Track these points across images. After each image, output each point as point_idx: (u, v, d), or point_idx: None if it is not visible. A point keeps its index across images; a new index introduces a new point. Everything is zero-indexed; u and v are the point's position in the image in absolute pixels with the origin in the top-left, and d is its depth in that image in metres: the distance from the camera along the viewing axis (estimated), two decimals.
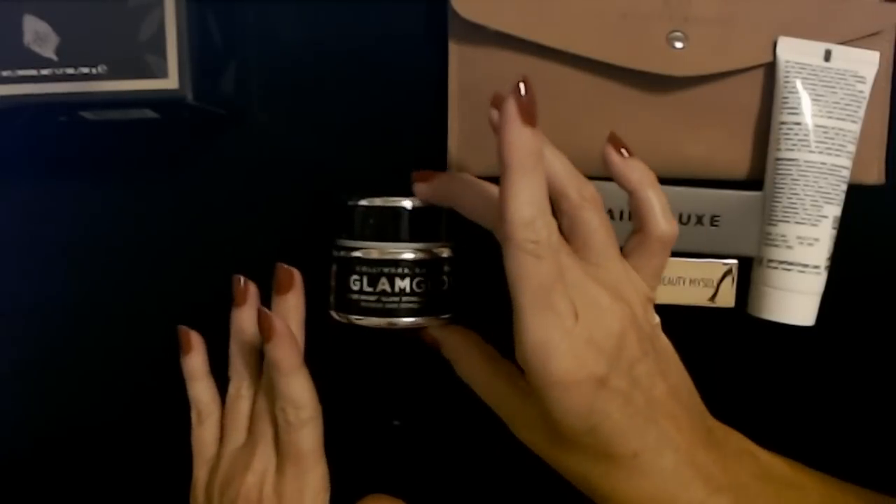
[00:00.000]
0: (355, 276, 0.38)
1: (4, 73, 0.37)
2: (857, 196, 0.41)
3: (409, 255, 0.38)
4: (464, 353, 0.38)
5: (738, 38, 0.40)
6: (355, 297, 0.38)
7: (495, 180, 0.42)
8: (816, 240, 0.40)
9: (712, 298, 0.43)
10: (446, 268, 0.39)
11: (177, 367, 0.43)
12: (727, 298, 0.43)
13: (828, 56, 0.40)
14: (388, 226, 0.38)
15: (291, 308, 0.41)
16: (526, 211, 0.29)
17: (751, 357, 0.44)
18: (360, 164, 0.44)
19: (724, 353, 0.44)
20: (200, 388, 0.42)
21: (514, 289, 0.30)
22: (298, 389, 0.39)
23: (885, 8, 0.40)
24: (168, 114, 0.41)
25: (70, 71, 0.37)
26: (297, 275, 0.41)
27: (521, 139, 0.30)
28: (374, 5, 0.43)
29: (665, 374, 0.33)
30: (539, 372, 0.30)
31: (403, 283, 0.38)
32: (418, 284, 0.38)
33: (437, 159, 0.43)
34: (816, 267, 0.40)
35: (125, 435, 0.46)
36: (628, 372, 0.31)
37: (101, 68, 0.37)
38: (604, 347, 0.31)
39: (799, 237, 0.40)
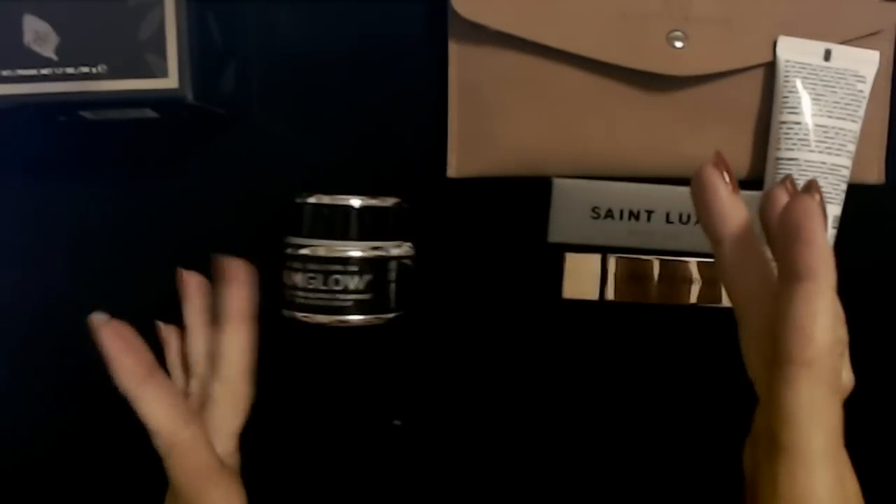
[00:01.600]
0: (303, 274, 0.38)
1: (4, 73, 0.37)
2: (857, 196, 0.41)
3: (356, 253, 0.38)
4: None
5: (738, 38, 0.40)
6: (303, 294, 0.39)
7: (494, 181, 0.43)
8: None
9: (713, 298, 0.43)
10: (395, 266, 0.39)
11: None
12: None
13: (828, 55, 0.40)
14: (337, 224, 0.38)
15: (229, 301, 0.38)
16: (832, 334, 0.24)
17: None
18: (359, 163, 0.44)
19: (725, 353, 0.44)
20: None
21: (804, 429, 0.24)
22: (144, 412, 0.35)
23: (885, 8, 0.40)
24: (168, 114, 0.41)
25: (70, 71, 0.37)
26: (238, 266, 0.38)
27: (828, 248, 0.25)
28: (374, 5, 0.43)
29: None
30: None
31: (351, 281, 0.38)
32: (367, 282, 0.38)
33: (437, 159, 0.43)
34: None
35: (125, 434, 0.46)
36: None
37: (100, 68, 0.37)
38: None
39: None
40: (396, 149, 0.44)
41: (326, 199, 0.39)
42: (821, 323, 0.24)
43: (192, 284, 0.41)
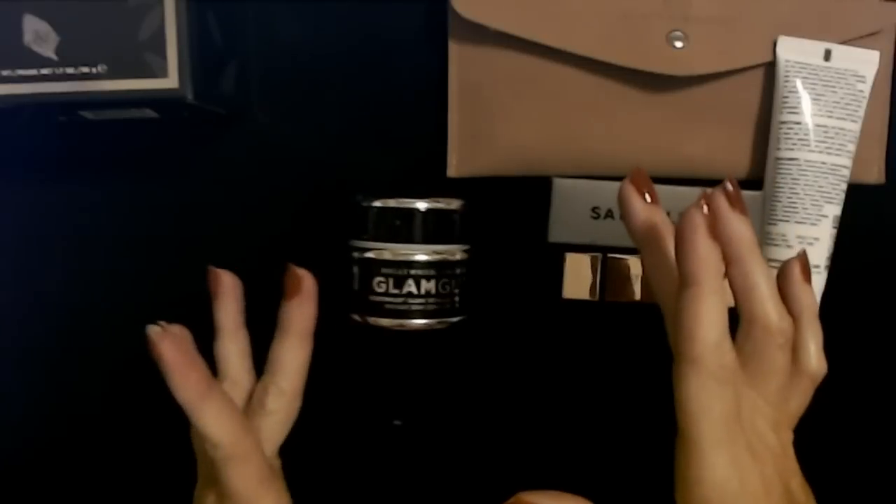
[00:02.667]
0: (368, 277, 0.38)
1: (4, 73, 0.37)
2: (857, 195, 0.41)
3: (421, 257, 0.38)
4: None
5: (739, 38, 0.40)
6: (369, 297, 0.39)
7: (494, 181, 0.43)
8: (816, 239, 0.40)
9: None
10: (459, 270, 0.39)
11: None
12: (727, 298, 0.43)
13: (828, 55, 0.40)
14: (402, 227, 0.38)
15: (296, 315, 0.37)
16: (716, 332, 0.28)
17: None
18: (359, 163, 0.44)
19: None
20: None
21: (693, 418, 0.28)
22: (207, 425, 0.33)
23: (885, 7, 0.40)
24: (168, 113, 0.41)
25: (70, 70, 0.37)
26: (306, 279, 0.37)
27: (712, 255, 0.28)
28: (374, 5, 0.43)
29: None
30: None
31: (415, 285, 0.38)
32: (431, 286, 0.38)
33: (437, 159, 0.43)
34: (817, 266, 0.40)
35: (126, 435, 0.46)
36: None
37: (100, 68, 0.37)
38: (776, 489, 0.29)
39: (799, 237, 0.40)
40: (396, 149, 0.44)
41: (392, 203, 0.38)
42: (705, 323, 0.28)
43: (226, 283, 0.38)
